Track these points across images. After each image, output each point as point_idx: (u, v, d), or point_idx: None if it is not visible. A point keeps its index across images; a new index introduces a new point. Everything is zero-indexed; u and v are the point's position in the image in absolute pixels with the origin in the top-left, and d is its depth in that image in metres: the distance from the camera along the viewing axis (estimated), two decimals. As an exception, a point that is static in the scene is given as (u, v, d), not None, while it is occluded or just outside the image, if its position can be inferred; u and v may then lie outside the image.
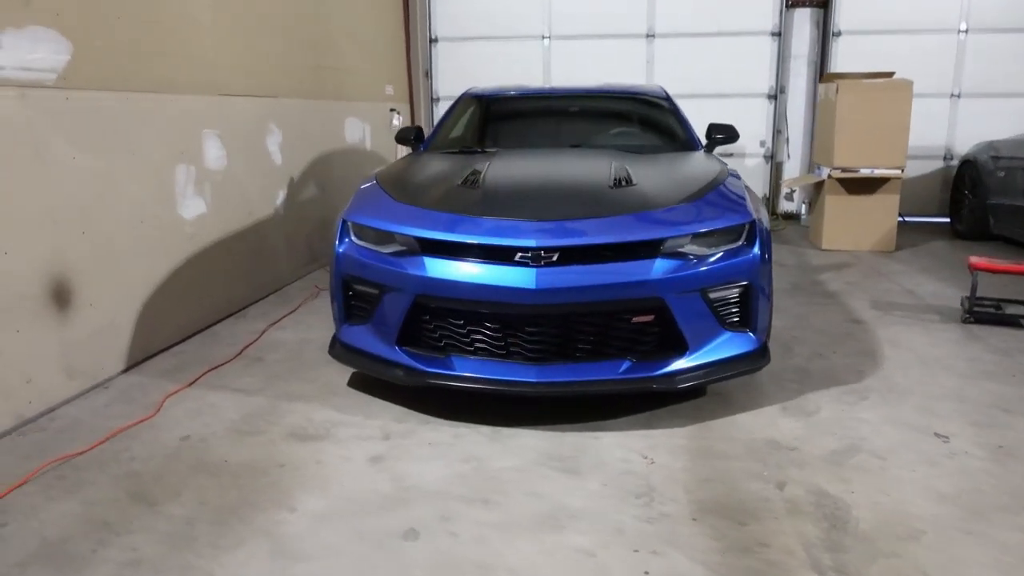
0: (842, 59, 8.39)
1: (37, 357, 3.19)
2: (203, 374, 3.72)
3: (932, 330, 4.32)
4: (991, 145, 7.04)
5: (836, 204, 6.74)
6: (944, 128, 8.40)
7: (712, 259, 3.10)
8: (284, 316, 4.75)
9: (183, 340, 4.25)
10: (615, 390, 3.03)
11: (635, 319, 3.07)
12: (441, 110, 9.17)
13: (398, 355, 3.20)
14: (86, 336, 3.48)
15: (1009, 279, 5.16)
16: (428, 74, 9.07)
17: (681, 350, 3.11)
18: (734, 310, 3.22)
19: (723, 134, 4.66)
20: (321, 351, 4.05)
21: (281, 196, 5.46)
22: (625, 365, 3.06)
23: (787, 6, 8.39)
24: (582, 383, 3.00)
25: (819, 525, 2.35)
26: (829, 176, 6.66)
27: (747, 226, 3.22)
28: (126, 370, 3.77)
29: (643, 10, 8.60)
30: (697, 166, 3.79)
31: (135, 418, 3.20)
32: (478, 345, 3.13)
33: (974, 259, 4.52)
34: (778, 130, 8.72)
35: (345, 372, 3.72)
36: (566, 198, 3.27)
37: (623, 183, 3.39)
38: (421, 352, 3.20)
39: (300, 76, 5.85)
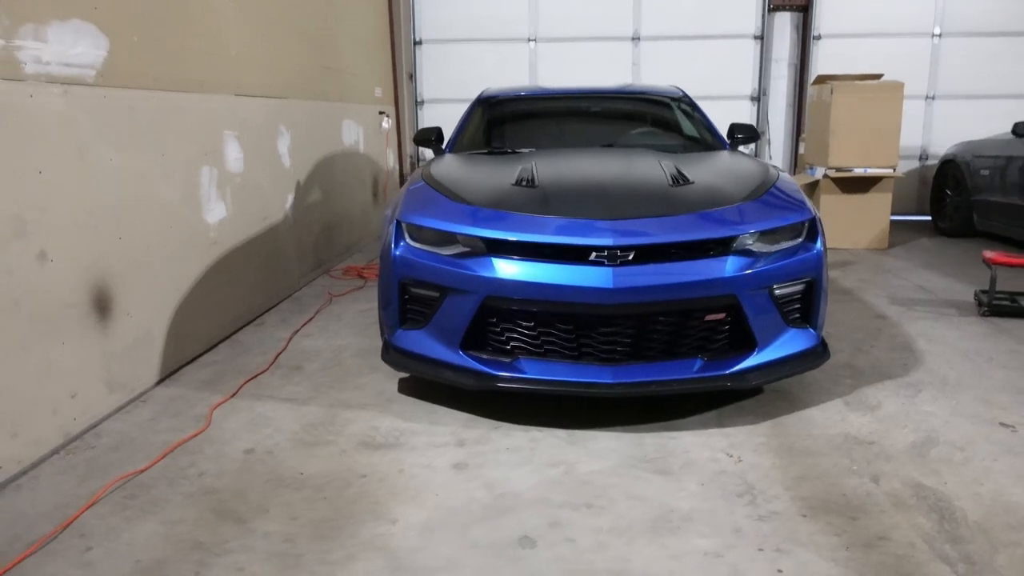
0: (822, 62, 8.58)
1: (81, 370, 3.01)
2: (243, 384, 3.57)
3: (957, 324, 4.42)
4: (972, 145, 7.26)
5: (832, 203, 6.87)
6: (919, 129, 8.66)
7: (779, 256, 3.10)
8: (304, 324, 4.60)
9: (209, 350, 4.08)
10: (691, 389, 3.00)
11: (708, 317, 3.05)
12: (426, 113, 9.08)
13: (463, 359, 3.11)
14: (125, 347, 3.30)
15: (1011, 273, 5.32)
16: (412, 77, 8.96)
17: (750, 348, 3.10)
18: (796, 306, 3.23)
19: (744, 134, 4.68)
20: (359, 358, 3.93)
21: (291, 200, 5.30)
22: (698, 364, 3.03)
23: (769, 9, 8.54)
24: (659, 383, 2.97)
25: (929, 517, 2.36)
26: (825, 176, 6.79)
27: (808, 223, 3.24)
28: (160, 381, 3.59)
29: (629, 13, 8.66)
30: (744, 165, 3.79)
31: (187, 432, 3.05)
32: (548, 347, 3.07)
33: (989, 254, 4.64)
34: (761, 132, 8.85)
35: (393, 379, 3.62)
36: (630, 196, 3.24)
37: (680, 181, 3.37)
38: (487, 355, 3.12)
39: (307, 76, 5.70)
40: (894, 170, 6.70)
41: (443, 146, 4.73)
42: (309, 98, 5.71)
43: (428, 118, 9.05)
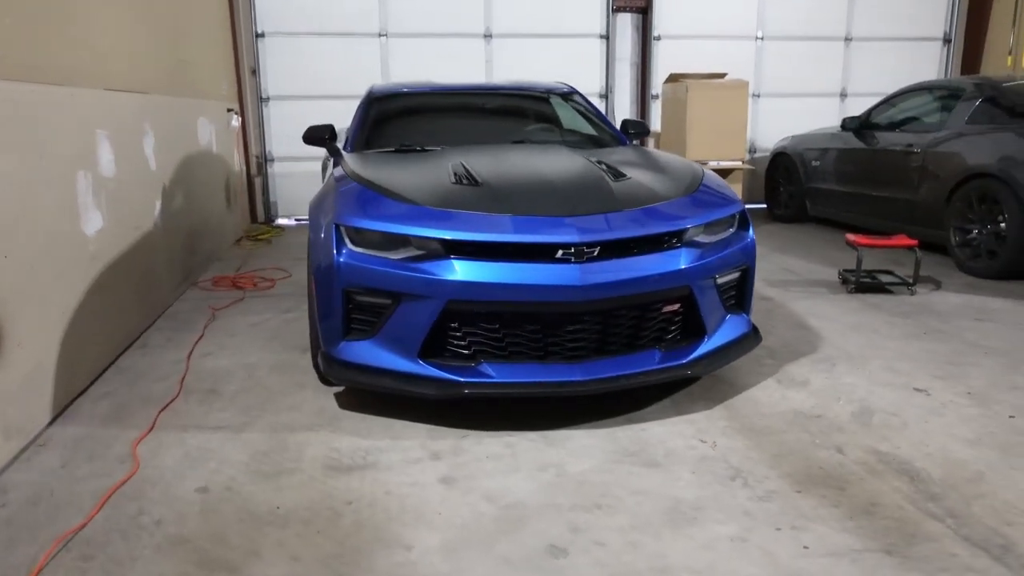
0: (662, 61, 9.06)
1: (-24, 416, 2.53)
2: (158, 415, 3.17)
3: (833, 301, 4.85)
4: (803, 138, 8.00)
5: (689, 194, 7.27)
6: (748, 125, 9.37)
7: (721, 246, 3.23)
8: (195, 343, 4.17)
9: (96, 379, 3.59)
10: (656, 380, 3.05)
11: (665, 308, 3.11)
12: (271, 111, 8.56)
13: (423, 368, 2.96)
14: (18, 383, 2.82)
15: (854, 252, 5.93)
16: (255, 71, 8.39)
17: (699, 337, 3.21)
18: (733, 294, 3.39)
19: (636, 129, 4.82)
20: (278, 375, 3.64)
21: (158, 206, 4.78)
22: (657, 355, 3.09)
23: (612, 10, 8.88)
24: (627, 376, 2.99)
25: (901, 480, 2.56)
26: (683, 169, 7.18)
27: (740, 213, 3.41)
28: (54, 420, 3.10)
29: (480, 10, 8.65)
30: (667, 160, 3.90)
31: (114, 475, 2.66)
32: (512, 349, 2.99)
33: (852, 237, 5.14)
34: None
35: (328, 395, 3.37)
36: (580, 192, 3.22)
37: (619, 177, 3.41)
38: (447, 362, 2.99)
39: (166, 70, 5.17)
40: (743, 162, 7.22)
41: (340, 145, 4.47)
42: (169, 93, 5.18)
43: (274, 116, 8.55)
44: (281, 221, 8.71)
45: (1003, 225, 5.30)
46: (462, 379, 2.92)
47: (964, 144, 5.70)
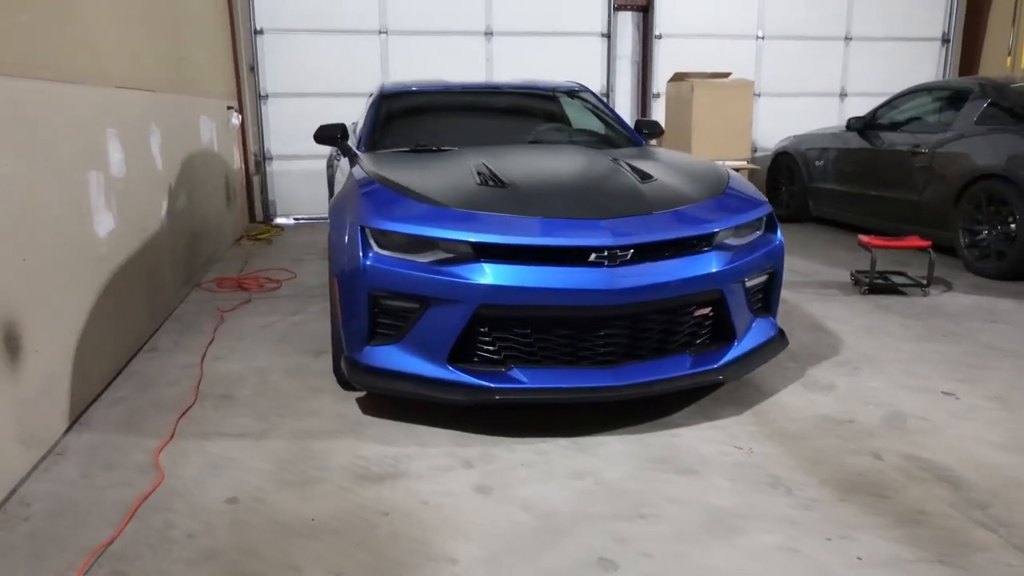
0: (662, 60, 9.02)
1: (-5, 425, 2.44)
2: (176, 422, 3.09)
3: (846, 303, 4.82)
4: (805, 138, 7.98)
5: (694, 194, 7.25)
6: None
7: (750, 249, 3.19)
8: (207, 347, 4.08)
9: (108, 385, 3.50)
10: (688, 385, 3.01)
11: (696, 312, 3.07)
12: (270, 108, 8.45)
13: (453, 373, 2.89)
14: (36, 391, 2.73)
15: (862, 254, 5.92)
16: (254, 69, 8.28)
17: (729, 340, 3.17)
18: (760, 297, 3.35)
19: (649, 129, 4.78)
20: (292, 380, 3.57)
21: (164, 207, 4.68)
22: (688, 360, 3.04)
23: (613, 9, 8.84)
24: (659, 382, 2.94)
25: (944, 487, 2.53)
26: (688, 169, 7.15)
27: (768, 216, 3.37)
28: (69, 428, 3.02)
29: (480, 8, 8.58)
30: (690, 161, 3.86)
31: (135, 485, 2.58)
32: (543, 354, 2.94)
33: (865, 238, 5.12)
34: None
35: (346, 400, 3.30)
36: (609, 195, 3.17)
37: (645, 178, 3.36)
38: (477, 367, 2.93)
39: (169, 67, 5.06)
40: (747, 162, 7.20)
41: (353, 144, 4.39)
42: (173, 91, 5.08)
43: (272, 113, 8.44)
44: (280, 220, 8.60)
45: (1013, 226, 5.29)
46: (493, 385, 2.86)
47: (972, 145, 5.70)
